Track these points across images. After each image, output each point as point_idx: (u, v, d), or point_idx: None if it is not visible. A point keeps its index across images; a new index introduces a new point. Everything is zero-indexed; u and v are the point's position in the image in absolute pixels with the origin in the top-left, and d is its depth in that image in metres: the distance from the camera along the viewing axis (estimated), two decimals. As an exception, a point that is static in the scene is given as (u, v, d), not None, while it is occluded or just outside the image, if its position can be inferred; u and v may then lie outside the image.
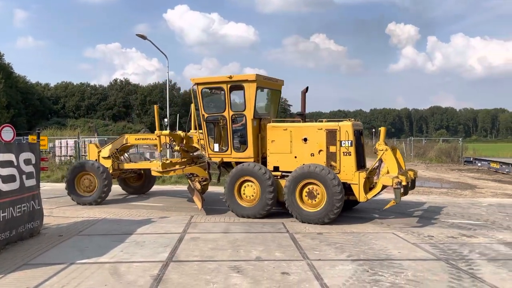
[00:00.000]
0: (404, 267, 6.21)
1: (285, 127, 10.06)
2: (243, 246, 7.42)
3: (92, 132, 46.61)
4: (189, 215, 10.24)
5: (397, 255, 6.88)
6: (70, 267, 6.22)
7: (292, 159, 9.82)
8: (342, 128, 9.42)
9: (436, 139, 46.73)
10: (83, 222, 9.50)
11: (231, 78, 10.14)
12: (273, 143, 10.01)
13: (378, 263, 6.41)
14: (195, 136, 11.69)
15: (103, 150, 12.63)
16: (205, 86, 10.68)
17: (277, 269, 6.15)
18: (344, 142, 9.37)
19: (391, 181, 8.79)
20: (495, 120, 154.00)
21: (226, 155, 10.48)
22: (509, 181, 18.71)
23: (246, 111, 10.12)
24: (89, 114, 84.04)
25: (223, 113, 10.36)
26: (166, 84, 23.06)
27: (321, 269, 6.13)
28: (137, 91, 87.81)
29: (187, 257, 6.74)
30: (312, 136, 9.66)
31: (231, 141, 10.30)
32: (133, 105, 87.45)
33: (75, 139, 23.56)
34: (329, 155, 9.49)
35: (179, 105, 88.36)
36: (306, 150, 9.71)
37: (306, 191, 9.27)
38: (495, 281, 5.60)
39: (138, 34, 21.10)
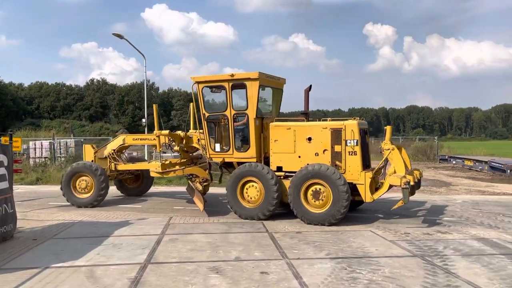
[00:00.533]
0: (381, 264, 6.30)
1: (288, 126, 9.86)
2: (222, 246, 7.39)
3: (68, 133, 45.67)
4: (168, 217, 10.14)
5: (374, 252, 6.97)
6: (45, 271, 6.08)
7: (296, 159, 9.64)
8: (347, 127, 9.28)
9: (413, 138, 47.55)
10: (58, 225, 9.29)
11: (233, 76, 9.97)
12: (276, 142, 9.83)
13: (356, 261, 6.48)
14: (195, 136, 11.55)
15: (100, 151, 12.39)
16: (205, 85, 10.43)
17: (256, 268, 6.15)
18: (349, 141, 9.22)
19: (399, 181, 8.62)
20: (469, 119, 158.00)
21: (227, 155, 10.26)
22: (482, 178, 19.23)
23: (249, 110, 9.89)
24: (65, 114, 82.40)
25: (224, 112, 10.15)
26: (144, 84, 22.79)
27: (300, 267, 6.17)
28: (115, 91, 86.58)
29: (166, 259, 6.67)
30: (317, 135, 9.50)
31: (232, 141, 10.10)
32: (111, 106, 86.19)
33: (50, 140, 23.06)
34: (334, 155, 9.33)
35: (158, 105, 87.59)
36: (311, 150, 9.53)
37: (312, 192, 9.09)
38: (469, 276, 5.74)
39: (114, 33, 20.79)
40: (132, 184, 13.80)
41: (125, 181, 13.70)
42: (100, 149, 12.51)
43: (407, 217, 9.93)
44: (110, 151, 12.25)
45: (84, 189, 11.66)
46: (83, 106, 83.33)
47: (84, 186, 11.65)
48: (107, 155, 12.22)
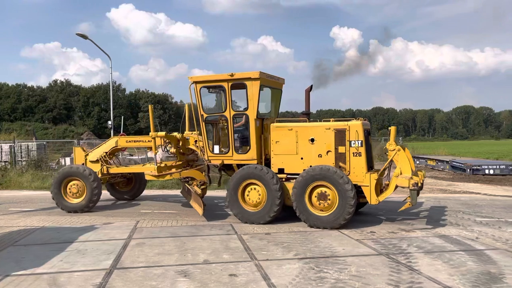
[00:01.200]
0: (348, 263, 6.42)
1: (290, 127, 9.59)
2: (190, 249, 7.33)
3: (30, 136, 44.06)
4: (135, 220, 9.96)
5: (341, 251, 7.09)
6: (5, 280, 5.84)
7: (298, 161, 9.42)
8: (351, 127, 9.09)
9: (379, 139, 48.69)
10: (19, 231, 8.95)
11: (233, 76, 9.70)
12: (278, 144, 9.58)
13: (323, 261, 6.57)
14: (191, 137, 11.32)
15: (91, 154, 12.01)
16: (203, 85, 10.13)
17: (225, 271, 6.13)
18: (354, 142, 9.02)
19: (407, 182, 8.50)
20: (431, 120, 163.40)
21: (227, 157, 9.99)
22: (444, 177, 19.91)
23: (249, 110, 9.66)
24: (26, 117, 79.47)
25: (223, 113, 9.90)
26: (110, 85, 22.30)
27: (269, 269, 6.19)
28: (80, 93, 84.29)
29: (132, 264, 6.55)
30: (320, 136, 9.28)
31: (232, 142, 9.83)
32: (75, 107, 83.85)
33: (10, 144, 22.15)
34: (338, 156, 9.13)
35: (125, 107, 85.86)
36: (313, 151, 9.31)
37: (317, 194, 8.89)
38: (431, 272, 5.93)
39: (78, 33, 20.22)
40: (124, 188, 13.42)
41: (117, 185, 13.29)
42: (91, 151, 12.13)
43: (372, 216, 10.16)
44: (102, 154, 11.87)
45: (76, 194, 11.28)
46: (46, 108, 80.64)
47: (75, 190, 11.26)
48: (99, 158, 11.84)
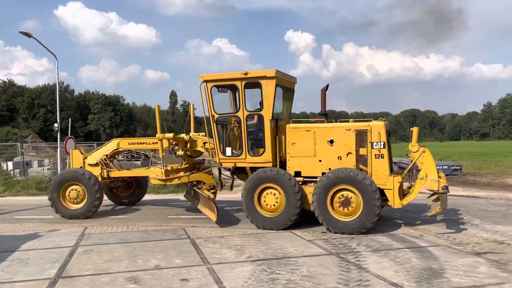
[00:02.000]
0: (299, 264, 6.51)
1: (308, 127, 9.20)
2: (141, 255, 7.15)
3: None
4: (83, 227, 9.60)
5: (294, 252, 7.19)
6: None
7: (316, 163, 9.04)
8: (373, 128, 8.75)
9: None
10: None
11: (247, 74, 9.29)
12: (294, 145, 9.20)
13: (276, 262, 6.63)
14: (199, 139, 10.89)
15: (90, 157, 11.46)
16: (215, 84, 9.69)
17: (176, 276, 6.04)
18: (376, 143, 8.68)
19: (436, 185, 8.22)
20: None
21: (239, 160, 9.54)
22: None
23: (264, 111, 9.25)
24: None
25: (236, 114, 9.54)
26: (57, 86, 21.33)
27: (221, 272, 6.16)
28: (24, 93, 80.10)
29: (79, 272, 6.29)
30: (340, 137, 8.91)
31: (245, 144, 9.39)
32: (19, 109, 79.57)
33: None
34: (359, 158, 8.77)
35: (73, 109, 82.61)
36: (333, 153, 8.95)
37: (338, 198, 8.53)
38: (378, 270, 6.14)
39: (22, 31, 19.18)
40: (124, 193, 12.85)
41: (117, 189, 12.69)
42: (90, 154, 11.60)
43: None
44: (102, 157, 11.32)
45: (75, 199, 10.71)
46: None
47: (74, 196, 10.70)
48: (99, 161, 11.27)
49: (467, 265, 6.30)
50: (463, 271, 6.00)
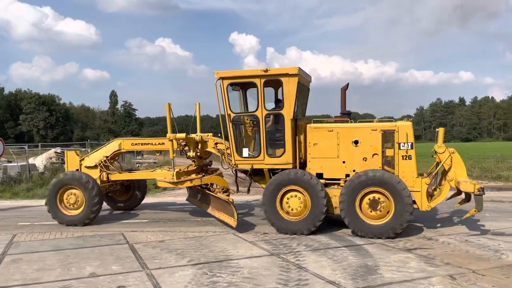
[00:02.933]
0: (241, 266, 6.52)
1: (331, 128, 8.84)
2: (75, 263, 6.81)
3: None
4: (11, 234, 8.98)
5: (235, 254, 7.19)
6: None
7: (339, 165, 8.71)
8: (401, 128, 8.47)
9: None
10: None
11: (267, 71, 8.90)
12: (316, 146, 8.82)
13: (217, 265, 6.59)
14: (210, 139, 10.34)
15: (87, 159, 10.63)
16: (232, 81, 9.21)
17: (113, 283, 5.81)
18: (403, 144, 8.42)
19: (472, 187, 7.90)
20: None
21: (257, 162, 9.10)
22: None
23: (284, 110, 8.85)
24: None
25: (255, 113, 9.08)
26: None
27: (161, 277, 6.02)
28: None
29: (6, 283, 5.87)
30: (365, 138, 8.58)
31: (264, 145, 8.98)
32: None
33: None
34: (385, 159, 8.50)
35: (3, 108, 77.26)
36: (357, 154, 8.62)
37: (368, 201, 8.22)
38: (316, 269, 6.30)
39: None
40: (121, 197, 11.92)
41: (113, 193, 11.79)
42: (87, 156, 10.78)
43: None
44: (101, 159, 10.51)
45: (73, 205, 9.98)
46: None
47: (73, 201, 9.97)
48: (98, 163, 10.46)
49: (399, 261, 6.64)
50: (396, 267, 6.31)
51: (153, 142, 10.84)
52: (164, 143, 10.36)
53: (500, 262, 6.44)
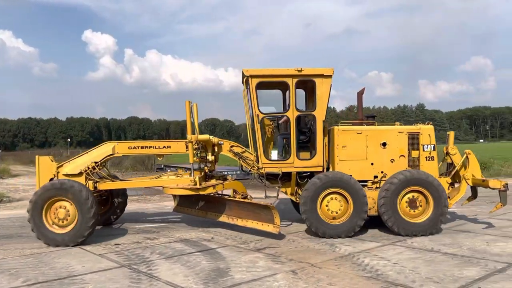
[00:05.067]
0: (86, 281, 6.05)
1: (359, 130, 8.97)
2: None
3: None
4: None
5: (80, 270, 6.64)
6: None
7: (368, 167, 8.86)
8: (424, 131, 9.02)
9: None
10: None
11: (301, 71, 8.75)
12: (345, 148, 8.89)
13: (58, 283, 6.00)
14: (226, 142, 9.70)
15: (68, 165, 9.02)
16: (261, 80, 8.88)
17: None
18: (426, 146, 8.98)
19: (499, 184, 8.76)
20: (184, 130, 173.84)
21: (286, 165, 8.90)
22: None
23: (317, 111, 8.84)
24: None
25: (286, 113, 8.88)
26: None
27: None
28: None
29: None
30: (393, 140, 8.94)
31: (294, 147, 8.79)
32: None
33: None
34: (411, 161, 8.94)
35: None
36: (385, 156, 8.90)
37: (407, 200, 8.51)
38: (169, 277, 6.20)
39: None
40: (100, 210, 9.59)
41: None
42: (68, 162, 9.14)
43: (119, 228, 9.98)
44: (89, 165, 8.98)
45: (63, 220, 8.23)
46: None
47: (62, 215, 8.24)
48: (84, 170, 8.90)
49: (249, 261, 6.95)
50: (246, 267, 6.59)
51: (157, 145, 9.57)
52: (171, 146, 9.44)
53: (334, 255, 7.24)
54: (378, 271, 6.22)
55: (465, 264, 6.50)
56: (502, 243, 7.75)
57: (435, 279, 5.79)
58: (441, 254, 7.11)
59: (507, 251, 7.22)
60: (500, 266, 6.31)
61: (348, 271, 6.25)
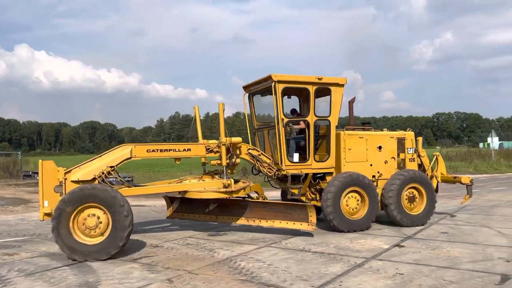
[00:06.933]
0: None
1: (361, 135, 10.09)
2: None
3: None
4: None
5: None
6: None
7: (367, 167, 9.99)
8: (407, 136, 10.51)
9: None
10: None
11: (321, 79, 9.49)
12: (350, 151, 9.90)
13: None
14: (243, 145, 9.54)
15: (79, 170, 8.01)
16: (287, 86, 9.42)
17: None
18: (409, 149, 10.47)
19: (468, 179, 10.80)
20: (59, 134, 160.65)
21: (305, 166, 9.53)
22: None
23: (331, 117, 9.66)
24: None
25: (306, 118, 9.53)
26: None
27: None
28: None
29: None
30: (386, 144, 10.25)
31: (312, 150, 9.49)
32: None
33: None
34: (399, 162, 10.36)
35: None
36: (381, 158, 10.16)
37: (406, 196, 9.86)
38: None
39: None
40: None
41: None
42: (79, 166, 8.10)
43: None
44: (104, 170, 8.10)
45: (93, 229, 7.32)
46: None
47: (93, 224, 7.33)
48: (98, 176, 8.02)
49: (123, 272, 6.60)
50: (118, 279, 6.24)
51: (177, 148, 8.96)
52: (191, 149, 8.99)
53: (212, 260, 7.26)
54: (253, 273, 6.40)
55: (331, 261, 7.04)
56: (362, 240, 8.58)
57: (304, 277, 6.15)
58: (311, 253, 7.59)
59: (366, 247, 8.01)
60: (359, 261, 6.97)
61: (225, 276, 6.31)
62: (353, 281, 5.92)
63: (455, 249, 7.68)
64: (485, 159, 35.44)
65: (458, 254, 7.32)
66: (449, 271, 6.31)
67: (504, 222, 10.32)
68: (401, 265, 6.69)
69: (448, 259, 7.01)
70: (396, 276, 6.12)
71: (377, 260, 7.01)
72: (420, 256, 7.20)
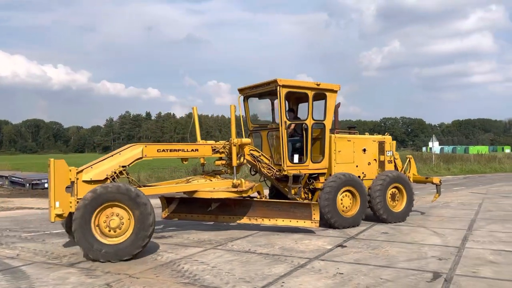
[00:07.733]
0: None
1: (349, 138, 10.80)
2: None
3: None
4: None
5: None
6: None
7: (354, 168, 10.68)
8: (386, 140, 11.37)
9: None
10: None
11: (319, 85, 10.03)
12: (340, 153, 10.51)
13: None
14: (246, 146, 9.55)
15: (91, 170, 7.69)
16: (289, 90, 9.80)
17: None
18: (388, 152, 11.28)
19: (438, 179, 12.01)
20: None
21: (303, 167, 10.01)
22: (1, 194, 18.68)
23: (326, 120, 10.20)
24: None
25: (305, 121, 10.02)
26: None
27: None
28: None
29: None
30: (369, 146, 11.03)
31: (310, 151, 10.00)
32: None
33: None
34: (380, 163, 11.15)
35: None
36: (365, 160, 10.92)
37: (390, 195, 10.68)
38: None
39: None
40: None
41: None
42: (91, 166, 7.72)
43: None
44: (116, 169, 7.85)
45: (115, 229, 7.12)
46: None
47: (116, 224, 7.13)
48: (110, 176, 7.74)
49: (58, 278, 6.30)
50: (53, 285, 5.95)
51: (185, 148, 8.98)
52: (198, 149, 9.05)
53: (155, 263, 7.09)
54: (196, 276, 6.33)
55: (275, 262, 7.11)
56: (307, 241, 8.73)
57: (247, 279, 6.16)
58: (256, 255, 7.63)
59: (310, 247, 8.17)
60: (303, 262, 7.09)
61: (167, 279, 6.20)
62: (295, 282, 6.01)
63: (393, 248, 8.01)
64: (426, 163, 37.20)
65: (396, 253, 7.64)
66: (386, 270, 6.57)
67: (440, 222, 10.90)
68: (342, 265, 6.88)
69: (386, 258, 7.30)
70: (337, 275, 6.28)
71: (320, 260, 7.16)
72: (360, 256, 7.44)
